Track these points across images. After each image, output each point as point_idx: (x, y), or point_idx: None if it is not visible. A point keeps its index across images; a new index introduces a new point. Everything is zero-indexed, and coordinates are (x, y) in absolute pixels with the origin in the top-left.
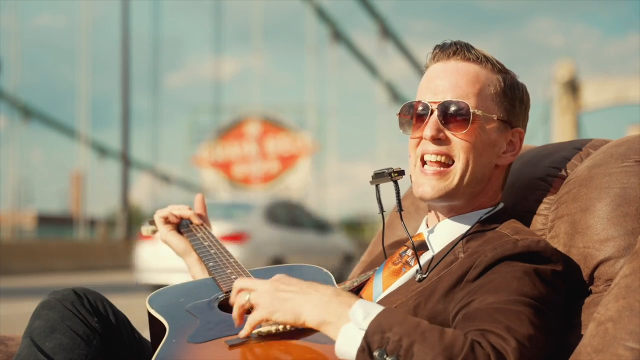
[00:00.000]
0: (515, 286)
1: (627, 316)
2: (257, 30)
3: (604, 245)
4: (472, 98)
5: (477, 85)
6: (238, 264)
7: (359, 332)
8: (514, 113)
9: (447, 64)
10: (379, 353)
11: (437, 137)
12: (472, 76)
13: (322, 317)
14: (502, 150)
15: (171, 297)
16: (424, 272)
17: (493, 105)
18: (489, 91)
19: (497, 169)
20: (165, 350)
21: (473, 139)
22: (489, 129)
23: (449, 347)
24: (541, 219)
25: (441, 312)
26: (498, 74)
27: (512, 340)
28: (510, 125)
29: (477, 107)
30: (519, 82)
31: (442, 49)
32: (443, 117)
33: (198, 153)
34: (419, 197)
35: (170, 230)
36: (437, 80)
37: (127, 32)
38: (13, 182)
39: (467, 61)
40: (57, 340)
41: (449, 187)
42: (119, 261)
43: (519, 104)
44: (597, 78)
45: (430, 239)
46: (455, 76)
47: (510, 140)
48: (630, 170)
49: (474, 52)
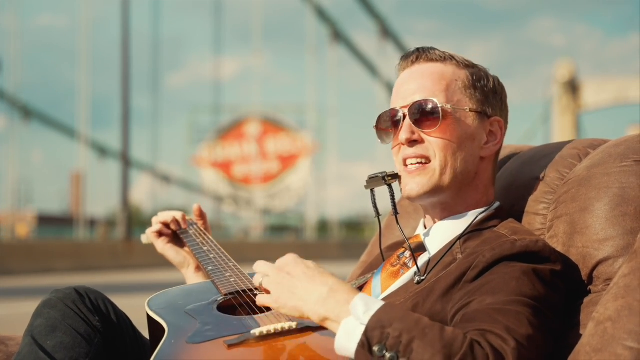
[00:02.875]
0: (514, 286)
1: (626, 315)
2: (257, 30)
3: (602, 245)
4: (440, 94)
5: (444, 82)
6: (237, 268)
7: (359, 326)
8: (488, 103)
9: (412, 69)
10: (378, 348)
11: (411, 139)
12: (437, 75)
13: (323, 314)
14: (483, 142)
15: (170, 300)
16: (422, 274)
17: (463, 97)
18: (457, 85)
19: (483, 161)
20: (164, 351)
21: (448, 134)
22: (464, 122)
23: (449, 345)
24: (540, 219)
25: (439, 312)
26: (465, 69)
27: (512, 340)
28: (486, 115)
29: (446, 102)
30: (489, 74)
31: (405, 57)
32: (414, 118)
33: (198, 153)
34: (407, 198)
35: (167, 244)
36: (404, 86)
37: (127, 32)
38: (13, 182)
39: (431, 62)
40: (58, 339)
41: (432, 182)
42: (119, 261)
43: (492, 94)
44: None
45: (428, 240)
46: (420, 78)
47: (490, 130)
48: (629, 170)
49: (437, 52)
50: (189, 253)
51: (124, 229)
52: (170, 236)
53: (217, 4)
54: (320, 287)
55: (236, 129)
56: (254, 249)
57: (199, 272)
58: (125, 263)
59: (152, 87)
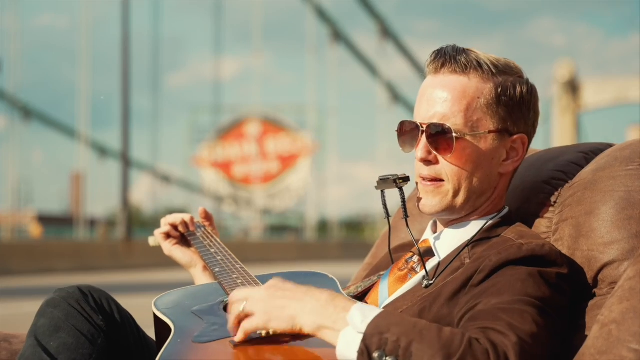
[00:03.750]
0: (520, 288)
1: (631, 318)
2: (257, 30)
3: (608, 248)
4: (459, 115)
5: (464, 101)
6: (244, 270)
7: (358, 335)
8: (511, 119)
9: (435, 79)
10: (378, 355)
11: (427, 159)
12: (458, 92)
13: (318, 323)
14: (502, 159)
15: (177, 300)
16: (431, 279)
17: (484, 116)
18: (479, 103)
19: (502, 177)
20: (170, 350)
21: (463, 160)
22: (482, 145)
23: (447, 345)
24: (545, 222)
25: (446, 317)
26: (491, 80)
27: (513, 335)
28: (508, 132)
29: (464, 124)
30: (519, 81)
31: (432, 61)
32: (431, 139)
33: (198, 153)
34: (421, 211)
35: (174, 245)
36: (425, 97)
37: (127, 32)
38: (13, 182)
39: (455, 74)
40: (62, 340)
41: (444, 202)
42: (119, 261)
43: (517, 107)
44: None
45: (437, 245)
46: (441, 93)
47: (512, 146)
48: (634, 173)
49: (463, 61)
50: (195, 253)
51: (124, 229)
52: (178, 238)
53: (217, 4)
54: (316, 296)
55: (236, 129)
56: (254, 249)
57: (206, 272)
58: (125, 263)
59: (152, 87)
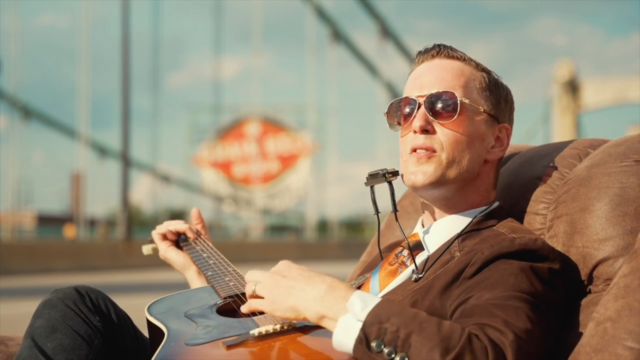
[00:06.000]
0: (512, 282)
1: (626, 316)
2: (257, 30)
3: (603, 244)
4: (459, 89)
5: (462, 78)
6: (237, 272)
7: (357, 323)
8: (499, 109)
9: (431, 63)
10: (376, 344)
11: (425, 127)
12: (456, 70)
13: (321, 312)
14: (490, 145)
15: (170, 305)
16: (420, 272)
17: (479, 98)
18: (475, 84)
19: (486, 164)
20: (164, 353)
21: (461, 130)
22: (477, 121)
23: (447, 339)
24: (540, 219)
25: (438, 309)
26: (482, 71)
27: (510, 333)
28: (497, 120)
29: (464, 97)
30: (502, 82)
31: (425, 51)
32: (430, 108)
33: (198, 153)
34: (410, 187)
35: (169, 247)
36: (422, 77)
37: (128, 32)
38: (13, 182)
39: (451, 58)
40: (58, 341)
41: (437, 172)
42: (119, 261)
43: (503, 101)
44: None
45: (426, 238)
46: (440, 71)
47: (498, 135)
48: (629, 170)
49: (457, 52)
50: (189, 256)
51: (124, 229)
52: (173, 242)
53: (217, 4)
54: (318, 285)
55: (236, 129)
56: (254, 249)
57: (201, 275)
58: (125, 263)
59: (152, 87)
